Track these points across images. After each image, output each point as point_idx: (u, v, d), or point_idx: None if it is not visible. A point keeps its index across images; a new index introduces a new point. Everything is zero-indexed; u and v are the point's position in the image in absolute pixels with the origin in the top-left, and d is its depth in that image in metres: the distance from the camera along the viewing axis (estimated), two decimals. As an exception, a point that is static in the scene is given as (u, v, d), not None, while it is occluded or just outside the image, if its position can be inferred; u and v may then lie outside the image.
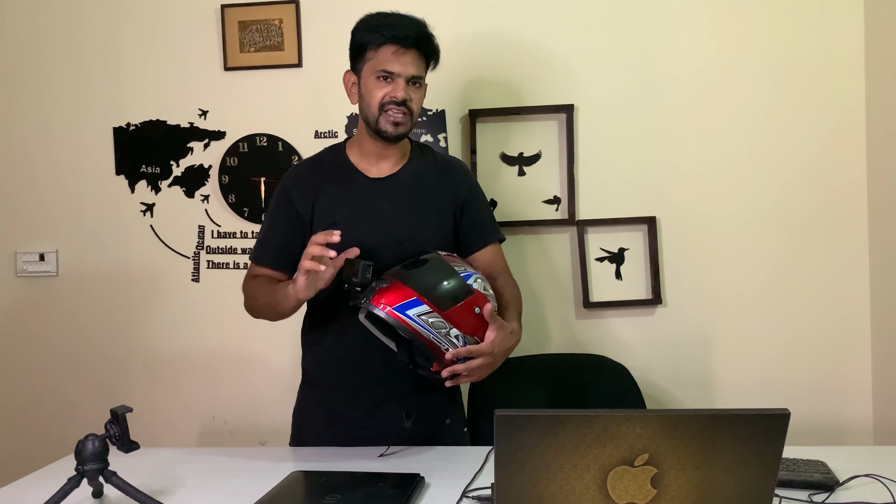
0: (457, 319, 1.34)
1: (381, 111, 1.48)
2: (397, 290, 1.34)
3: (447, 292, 1.36)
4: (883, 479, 1.24)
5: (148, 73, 2.23)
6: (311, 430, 1.60)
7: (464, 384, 1.74)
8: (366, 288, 1.35)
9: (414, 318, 1.32)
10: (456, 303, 1.35)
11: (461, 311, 1.35)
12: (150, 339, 2.25)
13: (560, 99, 2.15)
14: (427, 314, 1.32)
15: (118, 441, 1.19)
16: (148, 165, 2.24)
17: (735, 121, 2.12)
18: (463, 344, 1.35)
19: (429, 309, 1.33)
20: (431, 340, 1.32)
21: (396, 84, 1.47)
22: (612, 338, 2.15)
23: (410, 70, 1.47)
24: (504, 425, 0.88)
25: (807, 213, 2.12)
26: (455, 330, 1.34)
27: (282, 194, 1.58)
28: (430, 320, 1.32)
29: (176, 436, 2.25)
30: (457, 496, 1.23)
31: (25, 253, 2.26)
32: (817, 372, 2.12)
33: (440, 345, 1.33)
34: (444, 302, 1.34)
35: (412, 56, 1.47)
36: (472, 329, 1.36)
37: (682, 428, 0.87)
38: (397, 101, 1.46)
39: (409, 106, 1.48)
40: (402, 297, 1.33)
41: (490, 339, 1.37)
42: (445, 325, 1.33)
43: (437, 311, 1.33)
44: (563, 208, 2.16)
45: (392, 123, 1.48)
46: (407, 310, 1.32)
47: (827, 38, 2.09)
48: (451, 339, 1.34)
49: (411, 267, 1.39)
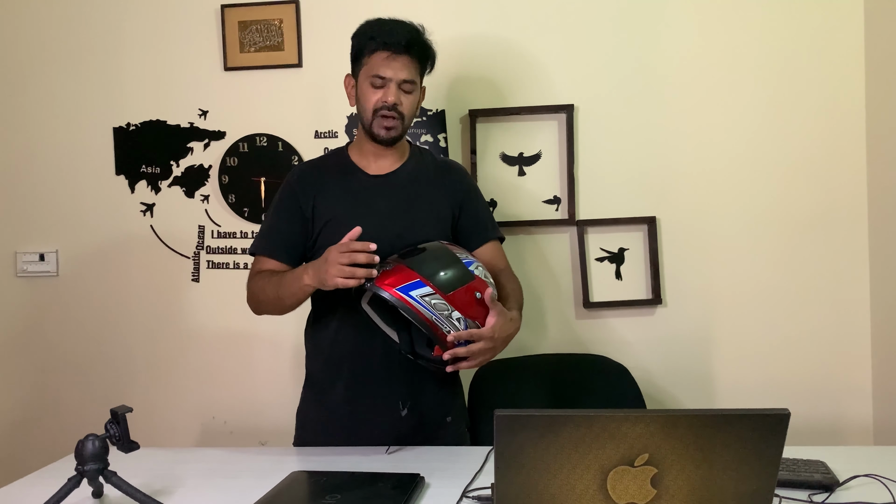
0: (458, 303, 1.37)
1: (374, 116, 1.52)
2: (401, 273, 1.36)
3: (449, 276, 1.38)
4: (883, 479, 1.24)
5: (148, 73, 2.23)
6: (314, 431, 1.61)
7: (464, 382, 1.74)
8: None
9: (417, 298, 1.34)
10: (458, 286, 1.37)
11: (463, 294, 1.38)
12: (150, 339, 2.25)
13: (560, 99, 2.15)
14: (430, 295, 1.35)
15: (118, 441, 1.19)
16: (148, 165, 2.24)
17: (735, 121, 2.12)
18: (464, 327, 1.36)
19: (431, 291, 1.35)
20: (433, 322, 1.34)
21: (388, 89, 1.51)
22: (612, 338, 2.16)
23: (401, 74, 1.50)
24: (504, 425, 0.88)
25: (807, 213, 2.12)
26: (457, 313, 1.36)
27: (287, 190, 1.61)
28: (432, 301, 1.34)
29: (176, 436, 2.25)
30: (457, 496, 1.23)
31: (25, 253, 2.26)
32: (817, 372, 2.12)
33: (442, 327, 1.34)
34: (446, 285, 1.37)
35: (403, 61, 1.50)
36: (473, 313, 1.38)
37: (682, 428, 0.88)
38: (388, 105, 1.50)
39: (400, 110, 1.52)
40: (405, 279, 1.35)
41: (491, 323, 1.39)
42: (448, 308, 1.35)
43: (439, 294, 1.35)
44: (563, 208, 2.16)
45: (384, 128, 1.52)
46: (410, 290, 1.34)
47: (827, 38, 2.09)
48: (452, 321, 1.35)
49: (414, 253, 1.42)
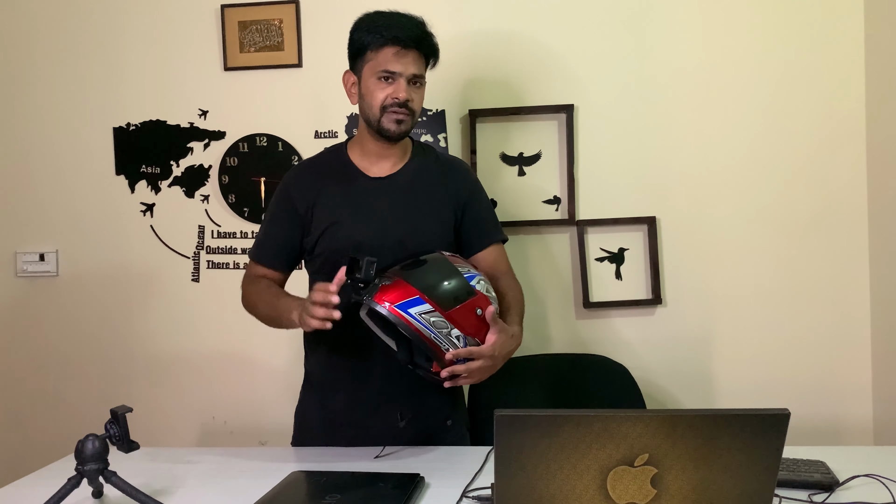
0: (458, 320, 1.34)
1: (382, 112, 1.49)
2: (400, 288, 1.33)
3: (449, 292, 1.35)
4: (883, 479, 1.23)
5: (148, 73, 2.23)
6: (312, 431, 1.60)
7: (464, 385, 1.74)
8: (368, 284, 1.35)
9: (416, 316, 1.31)
10: (458, 303, 1.35)
11: (463, 311, 1.35)
12: (150, 339, 2.25)
13: (560, 99, 2.15)
14: (429, 313, 1.32)
15: (118, 441, 1.19)
16: (148, 165, 2.24)
17: (735, 121, 2.12)
18: (464, 345, 1.34)
19: (431, 308, 1.32)
20: (432, 340, 1.31)
21: (398, 84, 1.47)
22: (612, 338, 2.15)
23: (411, 70, 1.48)
24: (504, 425, 0.88)
25: (807, 213, 2.12)
26: (456, 330, 1.33)
27: (282, 194, 1.58)
28: (431, 319, 1.32)
29: (176, 436, 2.25)
30: (457, 496, 1.23)
31: (25, 253, 2.26)
32: (817, 372, 2.12)
33: (441, 344, 1.32)
34: (446, 301, 1.34)
35: (413, 56, 1.48)
36: (473, 330, 1.36)
37: (682, 428, 0.88)
38: (399, 101, 1.47)
39: (411, 106, 1.49)
40: (404, 295, 1.32)
41: (491, 341, 1.36)
42: (447, 325, 1.33)
43: (438, 311, 1.32)
44: (563, 208, 2.16)
45: (395, 122, 1.49)
46: (409, 308, 1.31)
47: (827, 38, 2.09)
48: (451, 339, 1.33)
49: (415, 266, 1.39)
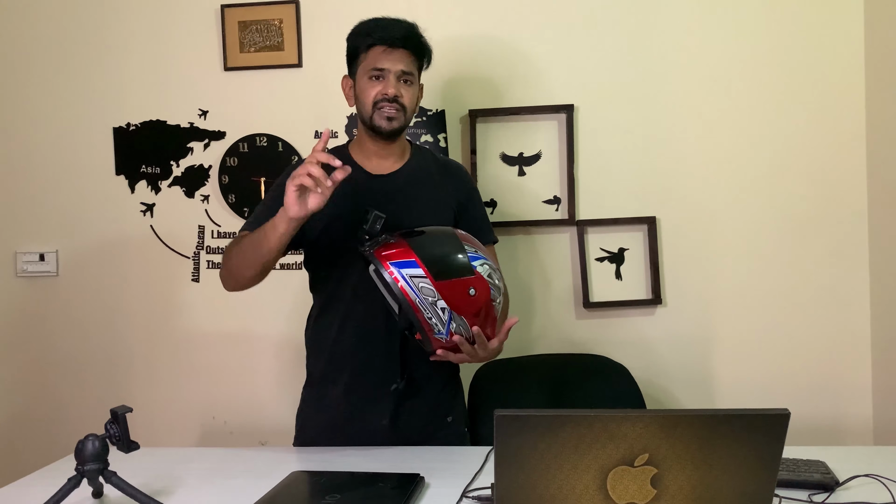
0: (447, 293, 1.34)
1: (374, 109, 1.52)
2: (399, 248, 1.35)
3: (445, 264, 1.36)
4: (883, 479, 1.23)
5: (148, 73, 2.23)
6: (313, 430, 1.61)
7: (464, 382, 1.74)
8: (373, 238, 1.38)
9: (406, 278, 1.32)
10: (451, 276, 1.35)
11: (454, 285, 1.35)
12: (150, 339, 2.25)
13: (560, 99, 2.15)
14: (419, 278, 1.33)
15: (118, 441, 1.19)
16: (148, 165, 2.24)
17: (735, 121, 2.12)
18: (448, 318, 1.34)
19: (423, 274, 1.33)
20: (417, 305, 1.32)
21: (387, 81, 1.51)
22: (612, 338, 2.15)
23: (399, 66, 1.51)
24: (504, 425, 0.88)
25: (807, 213, 2.12)
26: (443, 302, 1.33)
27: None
28: (420, 285, 1.32)
29: (176, 436, 2.25)
30: (457, 496, 1.23)
31: (25, 253, 2.26)
32: (817, 372, 2.12)
33: (424, 312, 1.33)
34: (440, 272, 1.34)
35: (401, 54, 1.52)
36: (461, 308, 1.35)
37: (682, 428, 0.87)
38: (389, 97, 1.50)
39: (401, 102, 1.52)
40: (400, 256, 1.34)
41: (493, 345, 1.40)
42: (434, 294, 1.33)
43: (429, 278, 1.33)
44: (563, 208, 2.16)
45: (385, 119, 1.52)
46: (402, 268, 1.33)
47: (827, 38, 2.09)
48: (437, 309, 1.33)
49: (421, 233, 1.41)
